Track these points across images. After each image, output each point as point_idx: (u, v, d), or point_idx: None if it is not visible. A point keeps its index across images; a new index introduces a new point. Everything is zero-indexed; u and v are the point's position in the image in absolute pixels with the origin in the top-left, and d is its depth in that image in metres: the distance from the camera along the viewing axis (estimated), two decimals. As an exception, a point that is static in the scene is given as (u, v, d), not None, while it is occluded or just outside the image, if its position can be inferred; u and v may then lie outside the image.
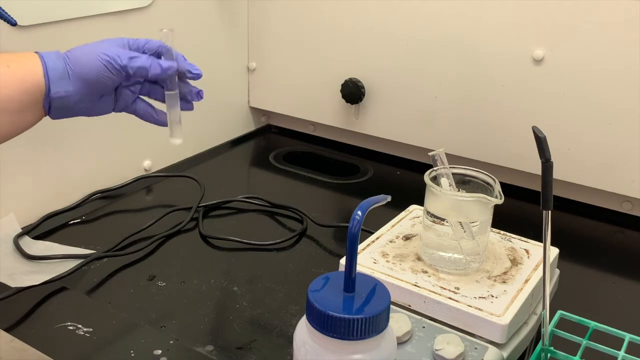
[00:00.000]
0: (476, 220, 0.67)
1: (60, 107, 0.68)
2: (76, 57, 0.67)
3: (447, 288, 0.65)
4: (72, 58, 0.67)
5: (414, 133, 1.14)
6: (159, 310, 0.76)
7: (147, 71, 0.69)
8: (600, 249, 0.96)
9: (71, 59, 0.67)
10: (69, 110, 0.69)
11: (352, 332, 0.41)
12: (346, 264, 0.43)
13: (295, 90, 1.26)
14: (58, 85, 0.66)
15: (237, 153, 1.28)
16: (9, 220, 0.89)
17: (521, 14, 0.98)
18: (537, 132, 0.56)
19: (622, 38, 0.92)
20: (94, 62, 0.67)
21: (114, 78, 0.68)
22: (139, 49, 0.71)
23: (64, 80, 0.66)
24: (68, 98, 0.67)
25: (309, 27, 1.20)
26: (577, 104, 0.98)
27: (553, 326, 0.65)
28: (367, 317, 0.41)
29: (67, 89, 0.66)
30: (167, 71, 0.70)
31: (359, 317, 0.41)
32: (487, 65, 1.03)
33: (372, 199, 0.45)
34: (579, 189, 1.03)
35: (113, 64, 0.67)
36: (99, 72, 0.67)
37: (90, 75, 0.67)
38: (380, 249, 0.72)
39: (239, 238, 0.91)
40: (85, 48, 0.68)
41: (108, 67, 0.67)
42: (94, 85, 0.68)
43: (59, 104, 0.67)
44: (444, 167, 0.69)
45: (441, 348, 0.59)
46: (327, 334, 0.42)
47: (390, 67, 1.13)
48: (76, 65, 0.67)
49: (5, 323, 0.71)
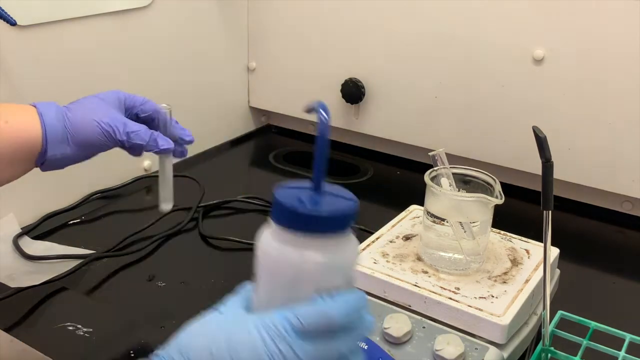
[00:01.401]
0: (476, 220, 0.67)
1: (54, 165, 0.67)
2: (76, 121, 0.66)
3: (448, 288, 0.65)
4: (72, 121, 0.66)
5: (414, 133, 1.14)
6: (159, 310, 0.76)
7: (143, 148, 0.69)
8: (600, 249, 0.96)
9: (71, 122, 0.66)
10: (62, 166, 0.69)
11: (307, 225, 0.40)
12: (316, 162, 0.42)
13: (295, 90, 1.26)
14: (56, 149, 0.65)
15: (237, 153, 1.28)
16: (9, 220, 0.89)
17: (521, 14, 0.98)
18: (537, 132, 0.56)
19: (622, 38, 0.92)
20: (93, 129, 0.66)
21: (111, 145, 0.68)
22: (134, 107, 0.71)
23: (62, 144, 0.66)
24: (63, 160, 0.67)
25: (308, 27, 1.20)
26: (577, 104, 0.98)
27: (553, 326, 0.65)
28: (325, 211, 0.41)
29: (64, 152, 0.66)
30: (163, 151, 0.71)
31: (315, 209, 0.40)
32: (487, 65, 1.03)
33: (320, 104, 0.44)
34: (579, 189, 1.03)
35: (112, 135, 0.67)
36: (98, 140, 0.67)
37: (88, 142, 0.67)
38: (380, 249, 0.72)
39: (239, 238, 0.91)
40: (85, 109, 0.67)
41: (106, 136, 0.67)
42: (90, 150, 0.68)
43: (53, 163, 0.67)
44: (444, 167, 0.69)
45: (441, 348, 0.59)
46: (284, 225, 0.41)
47: (390, 67, 1.13)
48: (76, 132, 0.66)
49: (5, 323, 0.71)
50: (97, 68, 0.98)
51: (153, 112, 0.72)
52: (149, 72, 1.07)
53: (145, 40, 1.05)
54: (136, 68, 1.05)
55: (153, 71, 1.08)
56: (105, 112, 0.68)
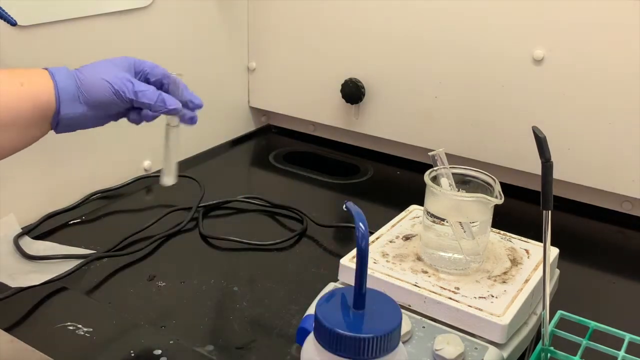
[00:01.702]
0: (476, 220, 0.67)
1: (67, 125, 0.70)
2: (87, 80, 0.68)
3: (447, 288, 0.65)
4: (83, 81, 0.68)
5: (414, 133, 1.14)
6: (159, 310, 0.76)
7: (150, 107, 0.71)
8: (600, 249, 0.96)
9: (82, 82, 0.68)
10: (75, 127, 0.71)
11: (362, 352, 0.40)
12: (356, 279, 0.41)
13: (295, 90, 1.26)
14: (68, 107, 0.68)
15: (237, 153, 1.28)
16: (9, 220, 0.89)
17: (521, 14, 0.98)
18: (537, 132, 0.56)
19: (622, 38, 0.92)
20: (104, 88, 0.68)
21: (121, 105, 0.70)
22: (143, 72, 0.73)
23: (75, 102, 0.68)
24: (76, 119, 0.69)
25: (308, 27, 1.20)
26: (577, 104, 0.98)
27: (553, 326, 0.65)
28: (378, 336, 0.40)
29: (76, 111, 0.68)
30: (171, 111, 0.72)
31: (369, 336, 0.39)
32: (487, 65, 1.03)
33: (355, 207, 0.44)
34: (579, 189, 1.03)
35: (121, 94, 0.69)
36: (108, 99, 0.69)
37: (99, 101, 0.69)
38: (380, 249, 0.72)
39: (239, 238, 0.91)
40: (95, 71, 0.70)
41: (116, 96, 0.69)
42: (101, 110, 0.70)
43: (67, 123, 0.69)
44: (444, 167, 0.69)
45: (441, 348, 0.59)
46: (336, 353, 0.40)
47: (390, 67, 1.13)
48: (87, 91, 0.68)
49: (5, 323, 0.71)
50: (97, 68, 0.98)
51: (162, 76, 0.73)
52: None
53: (145, 40, 1.05)
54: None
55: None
56: (116, 73, 0.70)
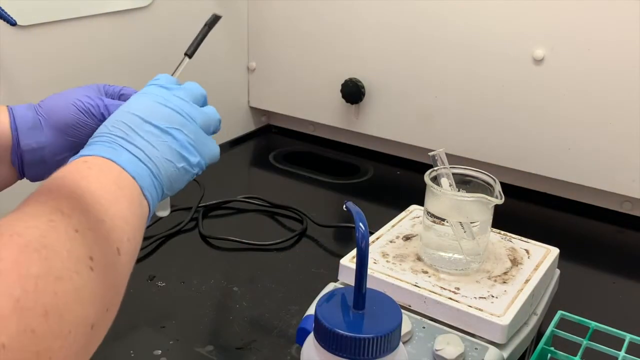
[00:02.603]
0: (476, 221, 0.67)
1: (34, 162, 0.60)
2: (48, 105, 0.61)
3: (447, 288, 0.65)
4: (44, 107, 0.61)
5: (414, 133, 1.14)
6: (159, 310, 0.76)
7: None
8: (600, 249, 0.96)
9: (43, 108, 0.61)
10: (45, 164, 0.61)
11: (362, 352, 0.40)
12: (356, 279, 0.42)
13: (295, 90, 1.26)
14: (28, 137, 0.59)
15: (237, 153, 1.28)
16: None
17: (521, 14, 0.98)
18: None
19: (622, 38, 0.92)
20: (69, 108, 0.60)
21: (93, 124, 0.61)
22: (113, 96, 0.66)
23: (35, 130, 0.59)
24: (41, 150, 0.60)
25: (308, 27, 1.20)
26: (577, 104, 0.98)
27: (553, 326, 0.65)
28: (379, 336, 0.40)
29: (38, 139, 0.59)
30: None
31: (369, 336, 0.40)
32: (487, 65, 1.03)
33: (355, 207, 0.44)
34: (579, 189, 1.03)
35: (90, 110, 0.61)
36: (75, 118, 0.60)
37: (64, 122, 0.60)
38: (380, 249, 0.72)
39: (239, 238, 0.91)
40: (58, 96, 0.62)
41: (84, 113, 0.60)
42: (70, 133, 0.61)
43: (31, 157, 0.60)
44: (444, 167, 0.69)
45: (441, 348, 0.59)
46: (336, 353, 0.40)
47: (390, 67, 1.13)
48: (49, 113, 0.60)
49: (5, 323, 0.71)
50: (97, 68, 0.98)
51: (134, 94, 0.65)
52: (149, 72, 1.07)
53: (145, 40, 1.05)
54: (136, 68, 1.05)
55: (153, 71, 1.07)
56: (83, 92, 0.62)
